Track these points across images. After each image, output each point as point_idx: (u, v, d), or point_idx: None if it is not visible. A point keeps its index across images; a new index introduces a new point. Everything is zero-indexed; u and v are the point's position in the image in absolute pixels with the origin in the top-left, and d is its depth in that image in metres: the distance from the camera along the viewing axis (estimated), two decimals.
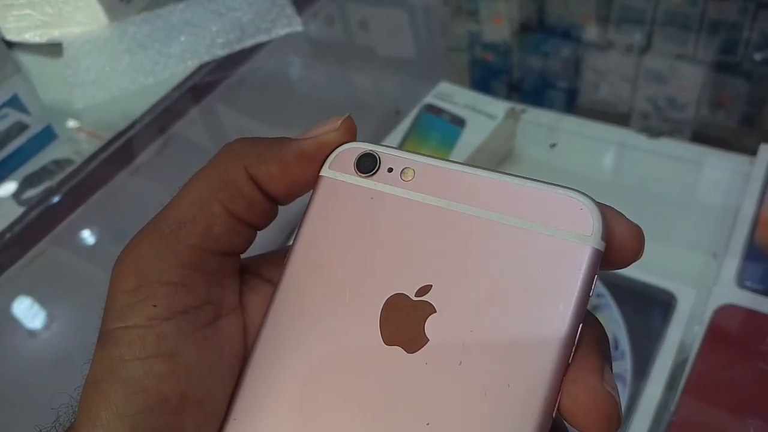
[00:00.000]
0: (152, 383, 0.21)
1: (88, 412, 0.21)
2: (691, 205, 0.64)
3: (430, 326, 0.22)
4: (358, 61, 0.90)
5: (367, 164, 0.24)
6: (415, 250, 0.23)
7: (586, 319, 0.21)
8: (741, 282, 0.55)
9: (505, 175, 0.23)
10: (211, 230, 0.23)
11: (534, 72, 0.90)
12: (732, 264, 0.56)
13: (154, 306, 0.22)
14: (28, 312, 0.63)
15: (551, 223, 0.21)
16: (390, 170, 0.24)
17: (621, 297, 0.56)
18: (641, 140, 0.70)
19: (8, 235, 0.65)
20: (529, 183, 0.22)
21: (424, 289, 0.22)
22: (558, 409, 0.21)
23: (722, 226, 0.61)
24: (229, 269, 0.25)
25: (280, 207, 0.26)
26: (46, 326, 0.62)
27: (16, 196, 0.69)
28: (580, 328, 0.21)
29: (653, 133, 0.70)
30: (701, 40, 0.80)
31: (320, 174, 0.25)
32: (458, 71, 0.94)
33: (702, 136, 0.75)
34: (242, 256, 0.26)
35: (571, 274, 0.21)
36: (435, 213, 0.23)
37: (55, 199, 0.67)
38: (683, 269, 0.58)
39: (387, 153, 0.24)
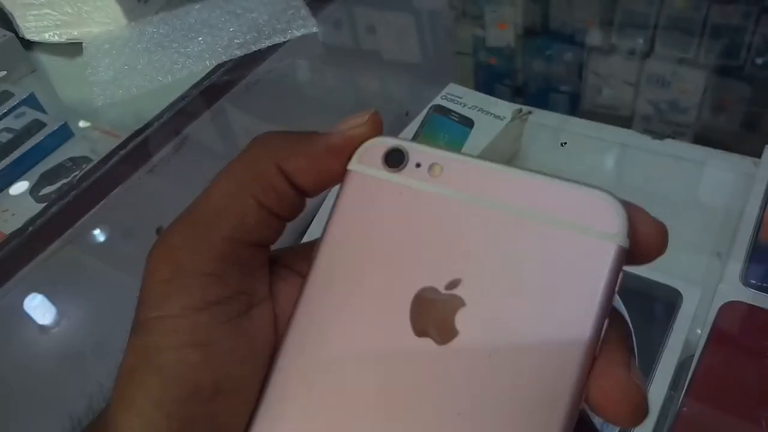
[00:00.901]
0: (187, 372, 0.22)
1: (123, 399, 0.22)
2: (696, 205, 0.66)
3: (460, 319, 0.22)
4: (366, 64, 0.91)
5: (395, 159, 0.25)
6: (444, 244, 0.23)
7: (612, 314, 0.22)
8: (745, 280, 0.56)
9: (532, 173, 0.23)
10: (244, 222, 0.24)
11: (538, 76, 0.91)
12: (737, 263, 0.57)
13: (189, 296, 0.22)
14: (43, 309, 0.63)
15: (578, 221, 0.22)
16: (418, 165, 0.24)
17: (626, 294, 0.57)
18: (647, 141, 0.71)
19: (25, 232, 0.66)
20: (555, 181, 0.23)
21: (454, 283, 0.23)
22: (586, 400, 0.22)
23: (726, 226, 0.62)
24: (260, 260, 0.25)
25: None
26: (60, 323, 0.62)
27: (33, 192, 0.70)
28: (606, 323, 0.21)
29: (658, 134, 0.71)
30: (704, 44, 0.81)
31: (348, 168, 0.25)
32: (463, 75, 0.96)
33: (704, 140, 0.76)
34: (272, 247, 0.26)
35: (598, 271, 0.21)
36: (463, 208, 0.23)
37: (72, 196, 0.68)
38: (688, 268, 0.59)
39: (415, 148, 0.25)
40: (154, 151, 0.69)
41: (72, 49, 0.82)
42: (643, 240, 0.22)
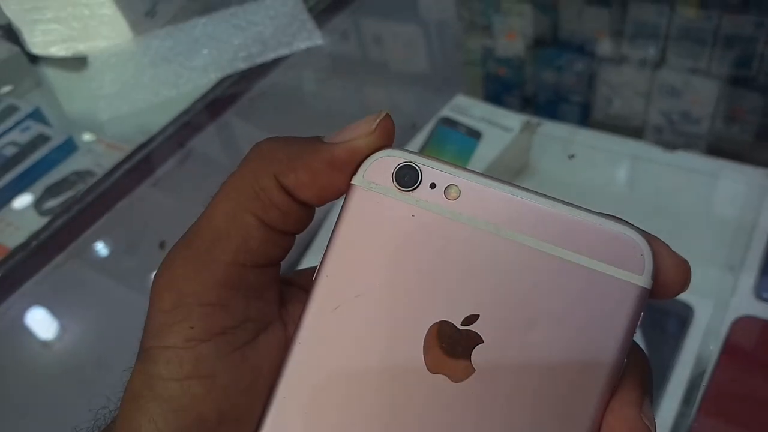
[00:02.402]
0: (190, 403, 0.22)
1: (129, 426, 0.22)
2: (708, 217, 0.64)
3: (477, 356, 0.22)
4: (373, 76, 0.91)
5: (407, 178, 0.22)
6: (460, 275, 0.22)
7: (632, 352, 0.22)
8: (759, 294, 0.55)
9: (557, 203, 0.22)
10: (247, 244, 0.23)
11: (547, 86, 0.90)
12: (749, 276, 0.56)
13: (192, 328, 0.22)
14: (46, 323, 0.63)
15: (603, 259, 0.21)
16: (432, 186, 0.22)
17: None
18: (657, 153, 0.70)
19: (29, 246, 0.66)
20: (581, 214, 0.22)
21: (471, 319, 0.22)
22: None
23: (739, 238, 0.61)
24: (267, 281, 0.24)
25: None
26: (63, 338, 0.62)
27: (37, 206, 0.70)
28: (624, 362, 0.21)
29: (669, 145, 0.70)
30: (716, 54, 0.80)
31: (353, 183, 0.23)
32: (472, 86, 0.95)
33: (716, 150, 0.75)
34: (293, 268, 0.25)
35: (620, 311, 0.21)
36: (481, 237, 0.22)
37: (76, 210, 0.68)
38: (700, 282, 0.57)
39: (429, 166, 0.22)
40: (159, 165, 0.69)
41: (77, 63, 0.83)
42: (666, 277, 0.22)
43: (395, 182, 0.23)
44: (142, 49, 0.79)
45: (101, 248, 0.68)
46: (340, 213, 0.23)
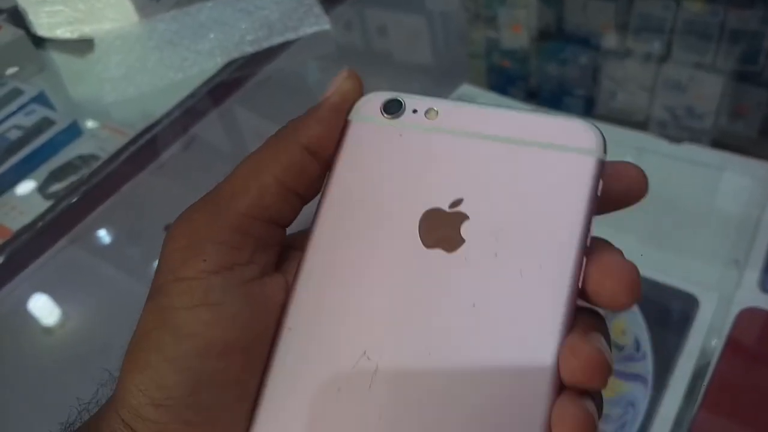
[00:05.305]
0: (199, 329, 0.23)
1: (135, 361, 0.23)
2: (713, 210, 0.64)
3: (465, 229, 0.25)
4: (377, 66, 0.91)
5: (393, 108, 0.27)
6: (444, 173, 0.26)
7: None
8: (763, 286, 0.55)
9: (518, 109, 0.26)
10: (262, 199, 0.25)
11: (552, 79, 0.90)
12: (755, 269, 0.57)
13: (204, 261, 0.24)
14: (48, 306, 0.63)
15: (561, 142, 0.25)
16: (415, 111, 0.27)
17: (643, 299, 0.56)
18: (663, 145, 0.70)
19: (33, 229, 0.66)
20: (540, 114, 0.26)
21: (457, 202, 0.25)
22: (585, 290, 0.23)
23: (744, 232, 0.61)
24: (274, 239, 0.26)
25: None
26: (65, 321, 0.62)
27: (41, 190, 0.70)
28: (593, 220, 0.24)
29: (674, 140, 0.70)
30: (721, 49, 0.80)
31: (348, 119, 0.27)
32: (476, 77, 0.95)
33: (721, 146, 0.74)
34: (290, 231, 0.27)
35: (582, 179, 0.24)
36: (459, 142, 0.26)
37: (80, 194, 0.68)
38: (705, 275, 0.58)
39: (411, 97, 0.27)
40: (163, 150, 0.69)
41: (83, 46, 0.83)
42: (623, 177, 0.25)
43: (383, 112, 0.27)
44: (148, 32, 0.79)
45: (105, 232, 0.68)
46: (338, 145, 0.27)
